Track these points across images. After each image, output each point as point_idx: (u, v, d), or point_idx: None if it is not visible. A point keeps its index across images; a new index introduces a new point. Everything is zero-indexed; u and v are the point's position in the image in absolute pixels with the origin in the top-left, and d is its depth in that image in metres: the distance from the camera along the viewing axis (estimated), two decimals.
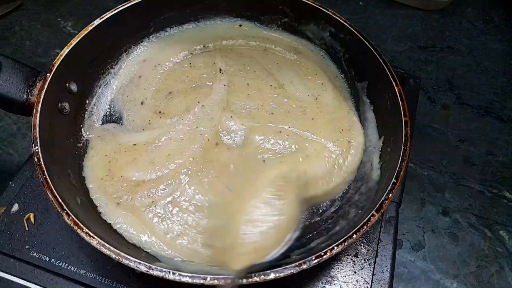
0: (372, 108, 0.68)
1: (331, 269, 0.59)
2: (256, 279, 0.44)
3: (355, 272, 0.59)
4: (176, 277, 0.44)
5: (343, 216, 0.59)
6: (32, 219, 0.60)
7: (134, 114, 0.67)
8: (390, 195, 0.51)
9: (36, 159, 0.51)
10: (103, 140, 0.63)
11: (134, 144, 0.62)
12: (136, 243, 0.55)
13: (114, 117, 0.69)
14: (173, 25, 0.76)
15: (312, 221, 0.61)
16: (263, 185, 0.54)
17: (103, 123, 0.68)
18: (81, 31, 0.63)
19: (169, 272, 0.44)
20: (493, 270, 0.70)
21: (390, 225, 0.63)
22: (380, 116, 0.67)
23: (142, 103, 0.67)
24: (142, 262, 0.45)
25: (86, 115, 0.67)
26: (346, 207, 0.60)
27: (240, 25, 0.77)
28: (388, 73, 0.63)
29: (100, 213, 0.57)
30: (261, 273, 0.44)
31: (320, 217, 0.61)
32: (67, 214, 0.47)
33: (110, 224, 0.56)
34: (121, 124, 0.67)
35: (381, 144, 0.64)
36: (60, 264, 0.57)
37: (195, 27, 0.77)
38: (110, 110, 0.69)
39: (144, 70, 0.71)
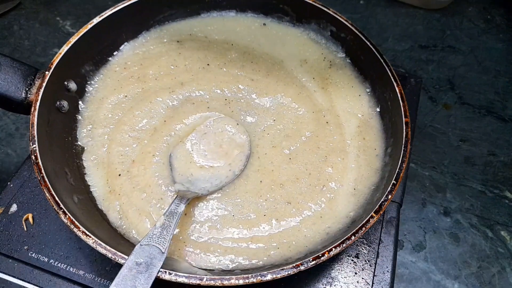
0: None
1: (332, 270, 0.59)
2: (252, 280, 0.44)
3: (356, 273, 0.59)
4: (173, 277, 0.44)
5: None
6: (30, 219, 0.60)
7: None
8: (390, 196, 0.51)
9: (33, 157, 0.51)
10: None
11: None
12: (134, 242, 0.55)
13: None
14: (174, 21, 0.75)
15: None
16: None
17: None
18: (81, 29, 0.62)
19: (166, 272, 0.44)
20: (495, 271, 0.70)
21: (391, 226, 0.63)
22: (381, 116, 0.66)
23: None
24: None
25: None
26: None
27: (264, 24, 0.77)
28: (389, 73, 0.62)
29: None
30: (258, 274, 0.44)
31: None
32: (64, 212, 0.47)
33: (109, 223, 0.56)
34: None
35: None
36: (59, 265, 0.57)
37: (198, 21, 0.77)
38: None
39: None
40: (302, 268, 0.45)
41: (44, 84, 0.56)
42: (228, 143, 0.62)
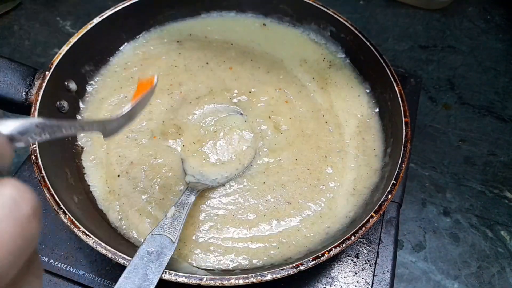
0: None
1: (332, 270, 0.59)
2: (252, 280, 0.44)
3: (355, 273, 0.59)
4: (173, 277, 0.44)
5: None
6: None
7: None
8: (389, 196, 0.51)
9: (33, 157, 0.51)
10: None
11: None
12: (135, 242, 0.55)
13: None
14: (174, 21, 0.75)
15: None
16: None
17: None
18: (81, 30, 0.62)
19: (166, 272, 0.44)
20: (494, 271, 0.69)
21: (391, 226, 0.63)
22: (381, 116, 0.66)
23: None
24: None
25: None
26: None
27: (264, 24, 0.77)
28: (389, 73, 0.62)
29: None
30: (258, 274, 0.44)
31: None
32: (64, 212, 0.47)
33: (109, 223, 0.56)
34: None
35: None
36: (59, 264, 0.57)
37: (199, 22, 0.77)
38: None
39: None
40: (302, 268, 0.45)
41: (44, 85, 0.56)
42: (237, 140, 0.62)
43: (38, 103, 0.55)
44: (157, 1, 0.71)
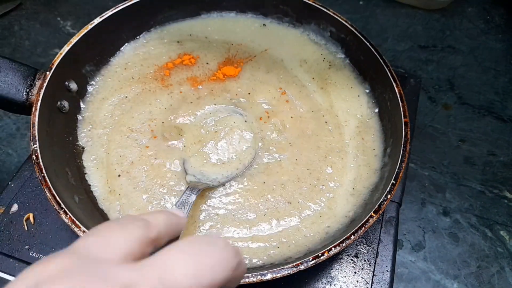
0: None
1: (331, 269, 0.59)
2: (252, 279, 0.44)
3: (355, 273, 0.59)
4: None
5: None
6: (31, 219, 0.60)
7: None
8: (389, 196, 0.51)
9: (34, 157, 0.51)
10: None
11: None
12: None
13: None
14: (174, 21, 0.76)
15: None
16: None
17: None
18: (81, 30, 0.63)
19: None
20: (494, 271, 0.70)
21: (391, 226, 0.63)
22: (380, 116, 0.67)
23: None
24: None
25: None
26: None
27: (264, 24, 0.77)
28: (389, 74, 0.63)
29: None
30: (258, 273, 0.44)
31: None
32: (65, 212, 0.47)
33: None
34: None
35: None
36: None
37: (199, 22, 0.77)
38: None
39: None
40: (301, 267, 0.45)
41: (45, 85, 0.56)
42: (238, 140, 0.62)
43: (39, 103, 0.55)
44: (158, 1, 0.71)
